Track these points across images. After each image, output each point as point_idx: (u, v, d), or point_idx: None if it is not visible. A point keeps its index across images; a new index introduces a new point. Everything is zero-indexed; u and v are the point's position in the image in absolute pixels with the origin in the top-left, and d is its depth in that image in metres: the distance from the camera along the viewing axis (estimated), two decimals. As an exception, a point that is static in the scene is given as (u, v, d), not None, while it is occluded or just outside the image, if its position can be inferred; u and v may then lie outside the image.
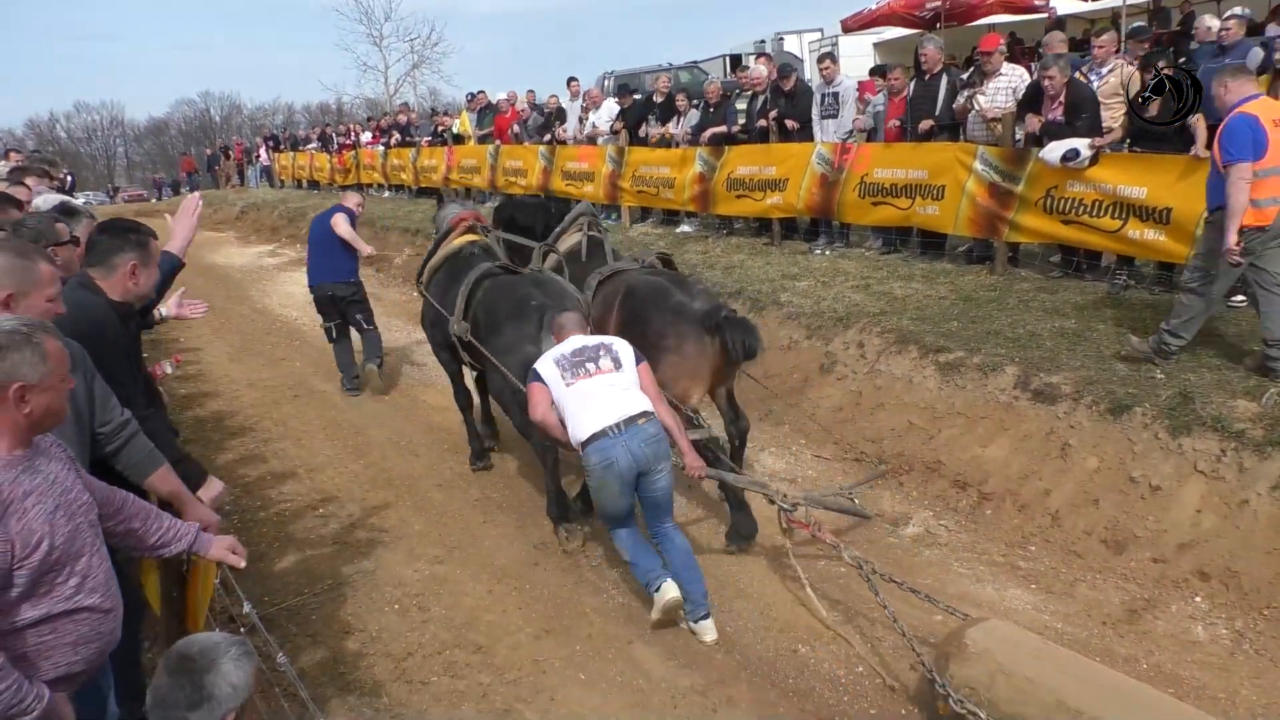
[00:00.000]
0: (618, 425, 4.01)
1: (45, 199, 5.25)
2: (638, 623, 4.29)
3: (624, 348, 4.34)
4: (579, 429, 4.10)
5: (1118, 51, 7.75)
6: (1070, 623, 4.13)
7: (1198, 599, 4.17)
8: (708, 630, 4.13)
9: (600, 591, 4.58)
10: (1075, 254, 7.51)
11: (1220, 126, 5.06)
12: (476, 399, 6.54)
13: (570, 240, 6.24)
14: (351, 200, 8.53)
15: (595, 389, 4.12)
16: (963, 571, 4.63)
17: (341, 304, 8.05)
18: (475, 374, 6.33)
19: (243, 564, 2.77)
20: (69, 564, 2.18)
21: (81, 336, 2.76)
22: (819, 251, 9.40)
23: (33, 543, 2.09)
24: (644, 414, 4.08)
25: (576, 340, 4.36)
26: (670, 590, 4.09)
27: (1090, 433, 5.05)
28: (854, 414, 6.31)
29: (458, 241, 6.28)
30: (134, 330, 3.48)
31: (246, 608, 2.83)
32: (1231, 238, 4.93)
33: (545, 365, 4.29)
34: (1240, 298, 6.37)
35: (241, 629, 2.86)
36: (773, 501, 4.46)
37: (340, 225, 8.00)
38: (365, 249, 8.24)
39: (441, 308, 5.93)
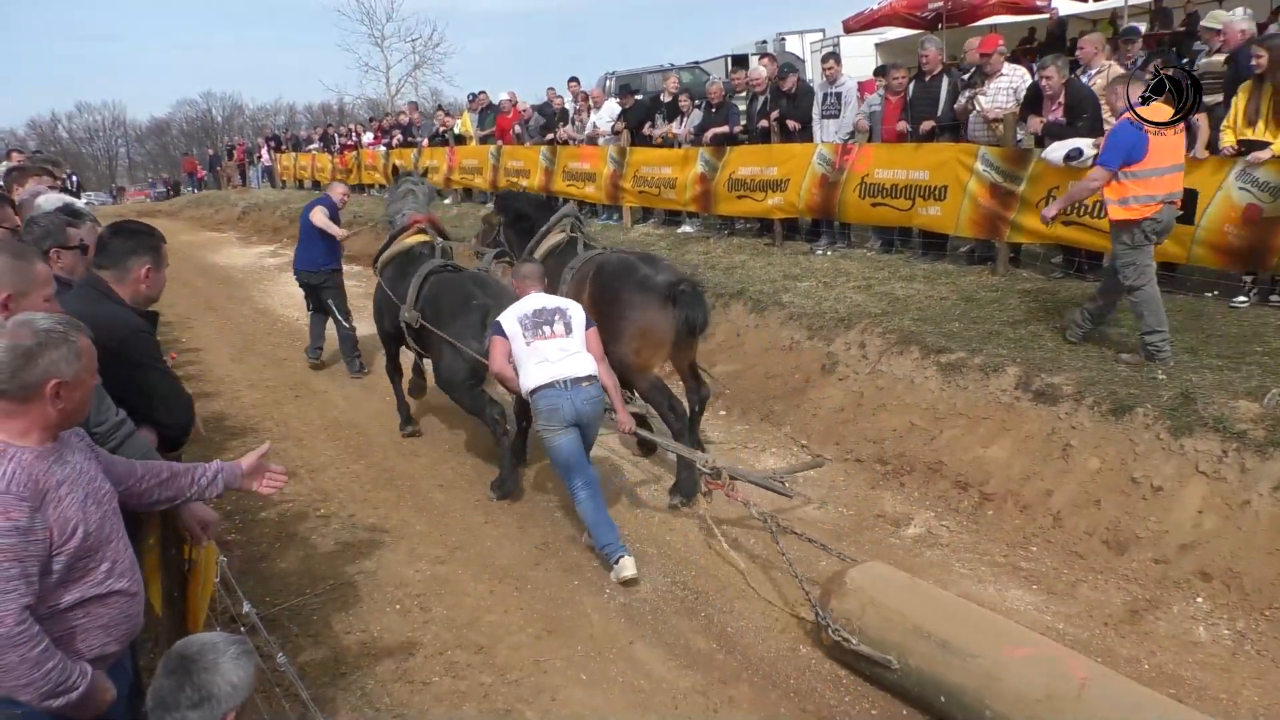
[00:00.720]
0: (565, 382, 4.65)
1: (48, 199, 5.22)
2: (639, 623, 4.30)
3: (577, 313, 4.86)
4: (529, 381, 4.71)
5: (1111, 52, 7.76)
6: (1072, 623, 4.12)
7: (1199, 600, 4.17)
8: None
9: (601, 591, 4.58)
10: (1077, 254, 7.51)
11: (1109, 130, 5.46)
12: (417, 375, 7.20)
13: (553, 239, 6.43)
14: (336, 191, 9.01)
15: (549, 350, 4.70)
16: (964, 572, 4.62)
17: (315, 290, 8.64)
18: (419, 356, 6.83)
19: (281, 478, 2.90)
20: (100, 549, 2.27)
21: (113, 346, 2.75)
22: (820, 252, 9.40)
23: (69, 529, 2.18)
24: (588, 377, 4.70)
25: (536, 299, 4.86)
26: (628, 569, 4.56)
27: (1092, 433, 5.04)
28: (855, 415, 6.31)
29: (409, 240, 6.76)
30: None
31: (247, 607, 2.83)
32: (1051, 211, 5.99)
33: (508, 320, 4.79)
34: (1241, 298, 6.38)
35: (242, 629, 2.87)
36: (694, 464, 4.96)
37: (316, 216, 8.47)
38: (339, 232, 8.66)
39: (393, 295, 6.45)
